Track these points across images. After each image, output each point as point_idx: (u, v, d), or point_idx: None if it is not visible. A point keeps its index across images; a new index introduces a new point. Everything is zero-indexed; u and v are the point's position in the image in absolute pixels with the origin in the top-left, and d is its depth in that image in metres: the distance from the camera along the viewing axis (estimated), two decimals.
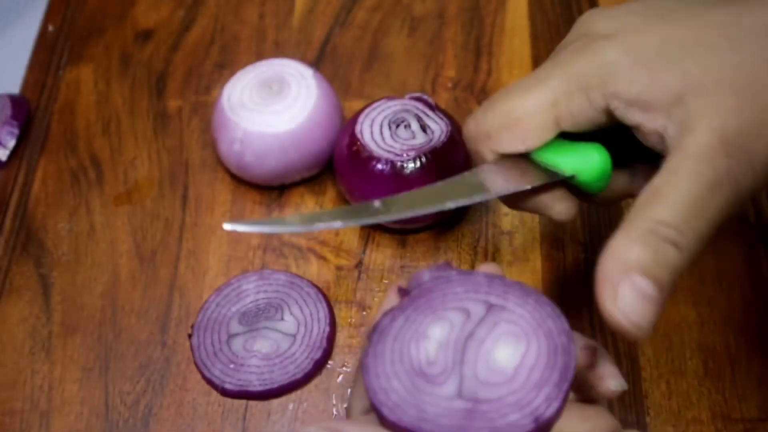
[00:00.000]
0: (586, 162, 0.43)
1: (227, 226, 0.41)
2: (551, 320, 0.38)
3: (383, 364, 0.38)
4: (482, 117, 0.43)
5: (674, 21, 0.40)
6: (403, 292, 0.40)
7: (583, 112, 0.41)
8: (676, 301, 0.56)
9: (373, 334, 0.39)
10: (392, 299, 0.41)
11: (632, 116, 0.40)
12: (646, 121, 0.40)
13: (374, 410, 0.37)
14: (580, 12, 0.70)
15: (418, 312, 0.39)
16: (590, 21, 0.42)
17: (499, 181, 0.44)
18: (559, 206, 0.46)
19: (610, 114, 0.41)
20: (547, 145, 0.43)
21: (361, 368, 0.38)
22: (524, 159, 0.44)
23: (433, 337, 0.38)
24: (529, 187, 0.44)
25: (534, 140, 0.43)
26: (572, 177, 0.44)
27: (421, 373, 0.37)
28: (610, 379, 0.39)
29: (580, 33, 0.42)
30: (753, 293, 0.56)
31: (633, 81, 0.39)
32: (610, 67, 0.40)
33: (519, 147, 0.43)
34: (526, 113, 0.41)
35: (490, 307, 0.39)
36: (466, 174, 0.45)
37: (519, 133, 0.42)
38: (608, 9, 0.43)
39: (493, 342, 0.38)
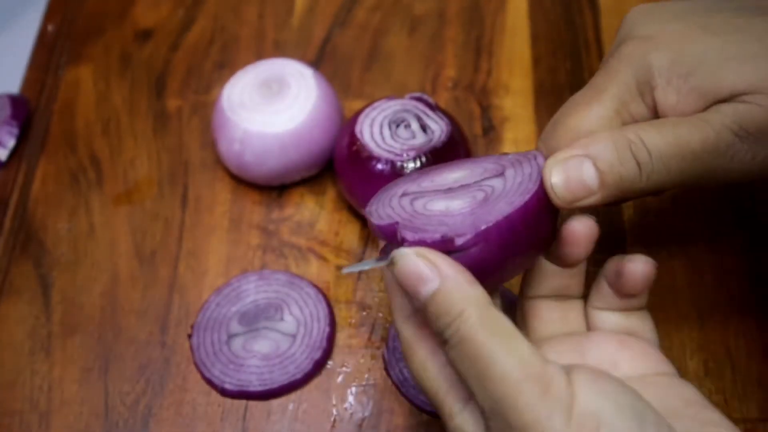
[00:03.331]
0: None
1: (345, 270, 0.43)
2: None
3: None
4: (551, 134, 0.44)
5: (715, 31, 0.43)
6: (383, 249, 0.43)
7: (642, 115, 0.44)
8: (675, 301, 0.56)
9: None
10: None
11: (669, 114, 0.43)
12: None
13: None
14: (580, 12, 0.71)
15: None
16: (634, 22, 0.45)
17: None
18: None
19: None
20: None
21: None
22: None
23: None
24: None
25: None
26: None
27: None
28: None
29: (625, 34, 0.45)
30: (753, 293, 0.56)
31: (672, 90, 0.42)
32: (654, 72, 0.43)
33: None
34: (594, 127, 0.43)
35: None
36: None
37: None
38: (651, 9, 0.45)
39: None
